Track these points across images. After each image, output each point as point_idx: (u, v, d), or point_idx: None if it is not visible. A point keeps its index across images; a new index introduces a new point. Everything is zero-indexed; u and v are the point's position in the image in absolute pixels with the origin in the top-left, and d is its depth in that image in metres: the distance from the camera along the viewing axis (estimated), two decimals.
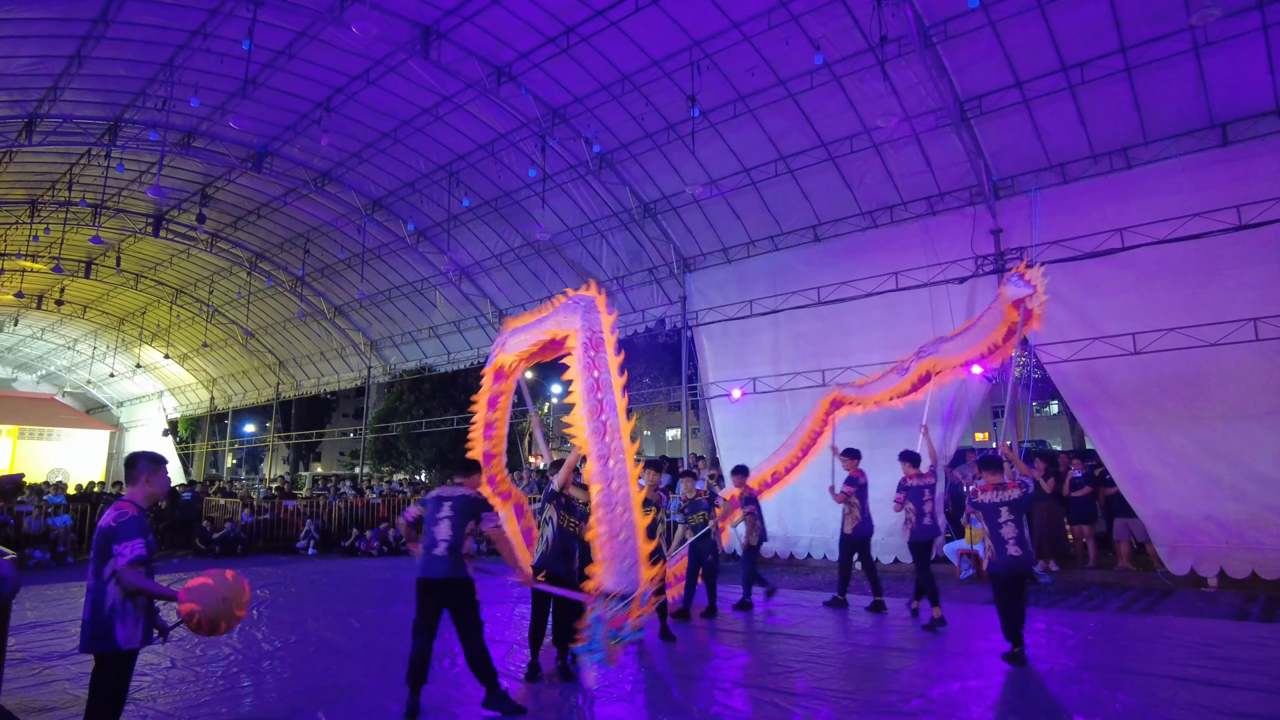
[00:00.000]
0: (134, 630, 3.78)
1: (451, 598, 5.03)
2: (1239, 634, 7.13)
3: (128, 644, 3.75)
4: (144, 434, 33.76)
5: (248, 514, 17.34)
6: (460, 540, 5.06)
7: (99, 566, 3.76)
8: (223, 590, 3.89)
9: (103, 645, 3.72)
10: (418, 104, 14.58)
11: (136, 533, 3.77)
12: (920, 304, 12.38)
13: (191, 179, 18.50)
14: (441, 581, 5.00)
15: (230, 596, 3.90)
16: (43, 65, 13.28)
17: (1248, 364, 9.59)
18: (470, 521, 5.15)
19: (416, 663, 4.94)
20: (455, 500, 5.19)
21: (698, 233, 15.23)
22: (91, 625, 3.73)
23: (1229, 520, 9.57)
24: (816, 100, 12.02)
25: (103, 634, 3.72)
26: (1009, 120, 11.07)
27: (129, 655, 3.82)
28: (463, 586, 5.05)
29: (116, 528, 3.76)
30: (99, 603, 3.74)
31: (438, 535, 5.07)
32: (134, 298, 26.90)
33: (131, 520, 3.80)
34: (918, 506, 8.45)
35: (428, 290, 20.55)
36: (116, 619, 3.73)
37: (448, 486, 5.44)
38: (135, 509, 3.89)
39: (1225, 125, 9.96)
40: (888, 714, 4.94)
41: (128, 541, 3.73)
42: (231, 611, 3.91)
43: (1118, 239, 10.59)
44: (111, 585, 3.74)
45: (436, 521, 5.12)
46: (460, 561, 5.04)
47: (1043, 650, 6.62)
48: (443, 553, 5.01)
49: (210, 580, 3.90)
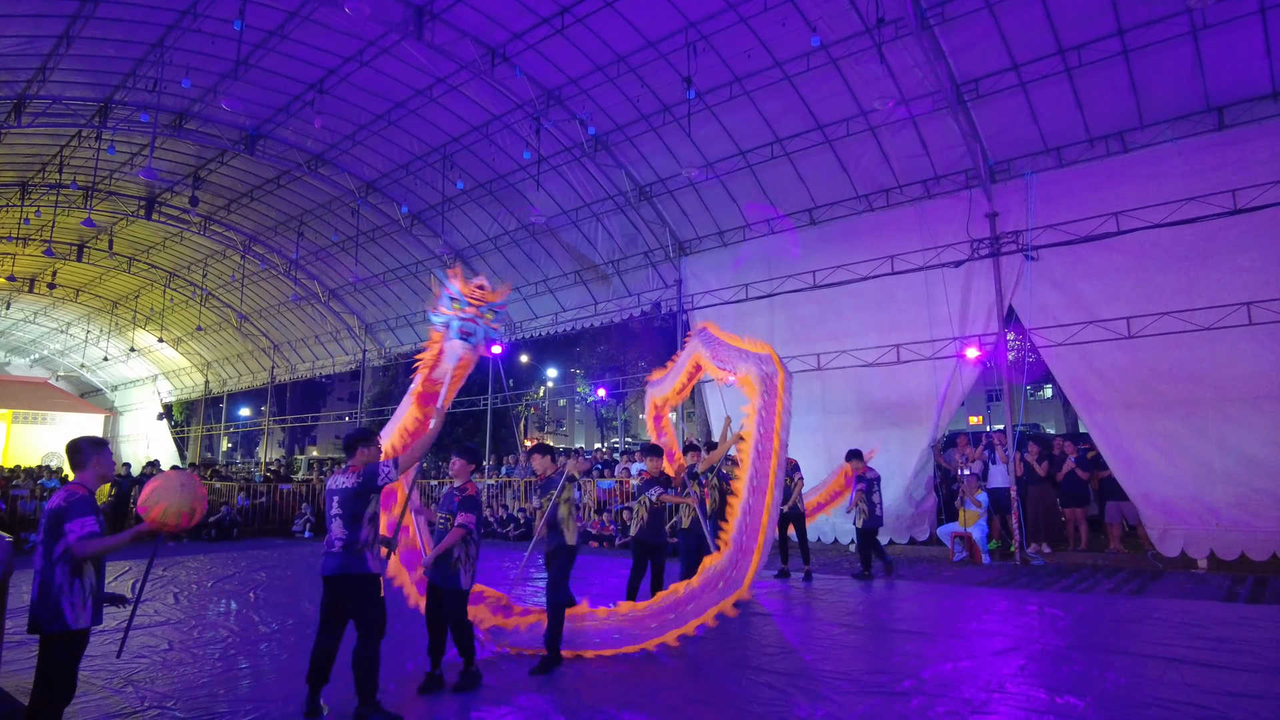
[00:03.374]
0: (81, 610, 3.80)
1: (345, 595, 4.65)
2: (1228, 615, 7.21)
3: (76, 624, 3.78)
4: (139, 417, 33.70)
5: (243, 497, 17.36)
6: (355, 535, 4.63)
7: (49, 548, 3.78)
8: (174, 480, 4.11)
9: (52, 626, 3.75)
10: (411, 85, 14.47)
11: (87, 511, 3.83)
12: (915, 288, 12.40)
13: (184, 161, 18.35)
14: (334, 578, 4.63)
15: (184, 482, 4.12)
16: (31, 45, 13.11)
17: (1241, 348, 9.65)
18: (365, 509, 4.68)
19: (316, 660, 4.67)
20: (340, 495, 4.72)
21: (693, 216, 15.19)
22: (39, 606, 3.75)
23: (1220, 503, 9.65)
24: (813, 83, 11.96)
25: (51, 615, 3.74)
26: (1005, 103, 11.04)
27: (78, 635, 3.83)
28: (357, 582, 4.62)
29: (67, 507, 3.80)
30: (47, 583, 3.76)
31: (333, 534, 4.68)
32: (127, 281, 26.75)
33: (82, 500, 3.85)
34: (868, 498, 9.90)
35: (422, 274, 20.47)
36: (64, 599, 3.75)
37: (337, 473, 4.93)
38: (85, 490, 3.94)
39: (1222, 109, 9.95)
40: (880, 694, 4.99)
41: (78, 519, 3.78)
42: (195, 492, 4.13)
43: (1113, 223, 10.59)
44: (60, 566, 3.76)
45: (330, 519, 4.73)
46: (358, 556, 4.62)
47: (1034, 631, 6.69)
48: (337, 550, 4.62)
49: (158, 480, 4.13)
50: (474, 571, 5.44)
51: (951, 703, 4.78)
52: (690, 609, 5.82)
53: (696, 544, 7.57)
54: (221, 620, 7.71)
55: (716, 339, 7.46)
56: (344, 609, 4.70)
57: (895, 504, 12.22)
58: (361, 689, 4.50)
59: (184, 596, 9.06)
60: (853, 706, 4.76)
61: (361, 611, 4.63)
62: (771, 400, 6.13)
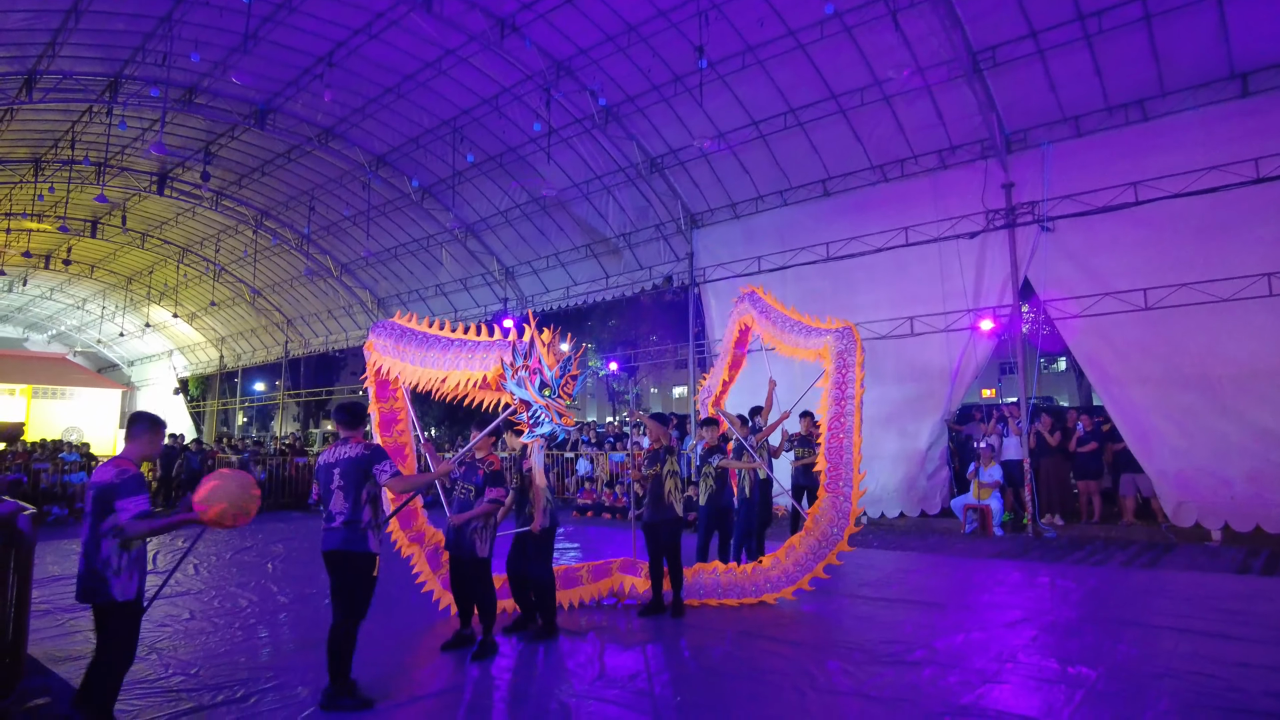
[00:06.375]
0: (128, 583, 3.88)
1: (339, 571, 4.53)
2: (1241, 587, 7.21)
3: (123, 596, 3.86)
4: (155, 392, 34.07)
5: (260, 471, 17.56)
6: (358, 511, 4.51)
7: (96, 521, 3.85)
8: (234, 480, 4.09)
9: (98, 598, 3.84)
10: (420, 58, 14.35)
11: (140, 489, 3.88)
12: (929, 260, 12.29)
13: (195, 136, 18.34)
14: (332, 554, 4.53)
15: (244, 482, 4.10)
16: (40, 20, 13.07)
17: (1259, 320, 9.53)
18: (365, 486, 4.56)
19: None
20: (342, 465, 4.58)
21: (705, 188, 15.07)
22: (86, 578, 3.84)
23: (1235, 476, 9.60)
24: (827, 51, 11.77)
25: (96, 587, 3.83)
26: (1022, 72, 10.83)
27: (127, 606, 3.90)
28: (353, 560, 4.49)
29: (119, 484, 3.83)
30: (92, 555, 3.84)
31: (333, 509, 4.54)
32: (141, 256, 26.89)
33: (133, 478, 3.89)
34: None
35: (433, 247, 20.48)
36: (109, 573, 3.83)
37: (335, 445, 4.78)
38: (134, 467, 3.99)
39: (1246, 76, 9.72)
40: (892, 664, 5.04)
41: (131, 498, 3.81)
42: (249, 493, 4.08)
43: (1131, 193, 10.44)
44: (107, 540, 3.83)
45: (330, 493, 4.58)
46: (359, 534, 4.51)
47: (1046, 603, 6.72)
48: (338, 525, 4.50)
49: (217, 480, 4.08)
50: (492, 541, 5.52)
51: (963, 673, 4.82)
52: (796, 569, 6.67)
53: (736, 512, 7.80)
54: (241, 591, 7.84)
55: (771, 307, 7.73)
56: (341, 584, 4.57)
57: (908, 477, 12.23)
58: (333, 668, 4.42)
59: (204, 568, 9.21)
60: (865, 676, 4.81)
61: (353, 590, 4.52)
62: (849, 374, 6.66)
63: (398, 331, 5.82)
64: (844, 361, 6.73)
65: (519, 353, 4.87)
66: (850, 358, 6.71)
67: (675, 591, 6.57)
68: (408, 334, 5.73)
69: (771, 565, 6.82)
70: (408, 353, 5.64)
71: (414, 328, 5.78)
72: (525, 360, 4.84)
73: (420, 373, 5.53)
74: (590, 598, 6.88)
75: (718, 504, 7.42)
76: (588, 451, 17.11)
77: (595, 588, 6.93)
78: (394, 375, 5.96)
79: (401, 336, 5.74)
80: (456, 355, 5.27)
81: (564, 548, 10.56)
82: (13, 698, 4.38)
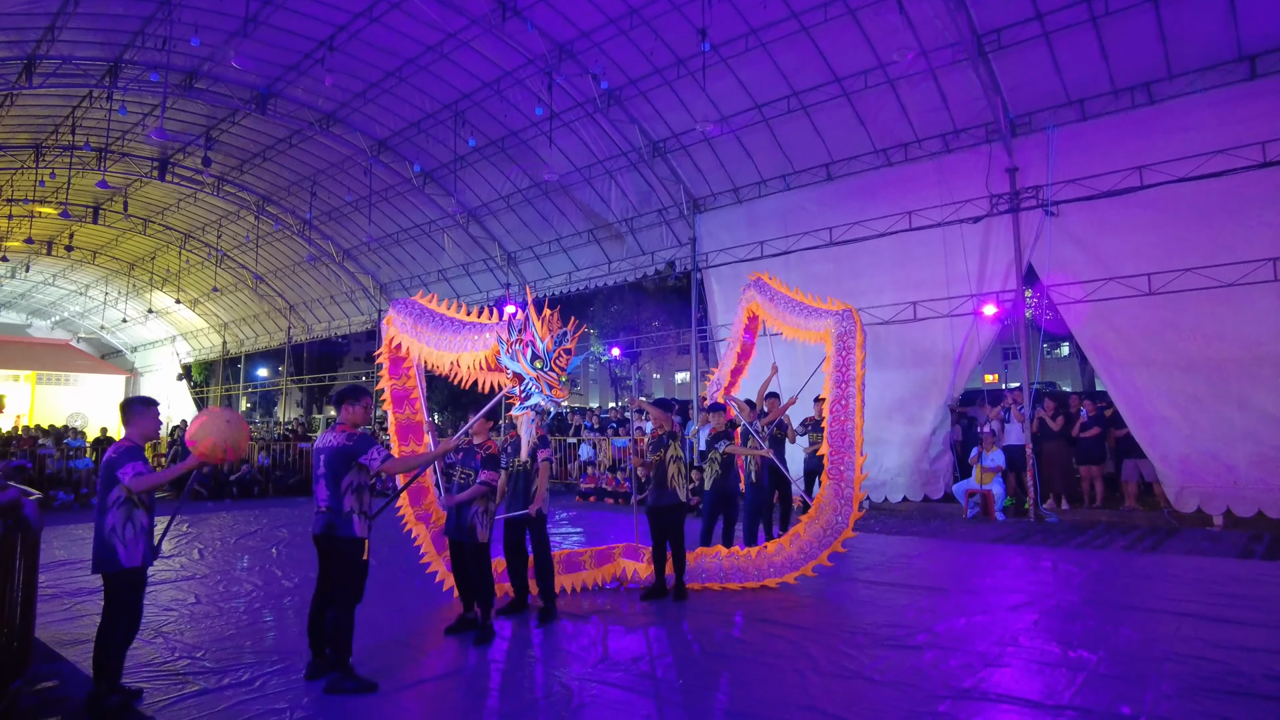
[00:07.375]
0: (133, 550, 4.17)
1: (327, 555, 4.61)
2: (1242, 571, 7.22)
3: (129, 562, 4.15)
4: (158, 378, 34.12)
5: (264, 456, 17.62)
6: (338, 500, 4.52)
7: (104, 495, 4.17)
8: (220, 416, 4.30)
9: (107, 566, 4.14)
10: (422, 41, 14.25)
11: (137, 457, 4.21)
12: (933, 244, 12.24)
13: (195, 121, 18.26)
14: (320, 538, 4.60)
15: (230, 418, 4.31)
16: (39, 4, 12.96)
17: (1264, 304, 9.49)
18: (346, 475, 4.55)
19: (313, 619, 4.70)
20: (326, 454, 4.60)
21: (708, 172, 15.00)
22: (98, 548, 4.15)
23: (1239, 461, 9.60)
24: (830, 34, 11.67)
25: (108, 555, 4.13)
26: (1028, 55, 10.74)
27: (132, 573, 4.19)
28: (339, 544, 4.52)
29: (117, 457, 4.19)
30: (101, 526, 4.16)
31: (318, 495, 4.61)
32: (143, 242, 26.86)
33: (130, 449, 4.24)
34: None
35: (435, 233, 20.43)
36: (116, 540, 4.12)
37: (327, 431, 4.80)
38: (132, 442, 4.33)
39: (1254, 58, 9.63)
40: (895, 647, 5.06)
41: (129, 464, 4.15)
42: (241, 427, 4.32)
43: (1136, 177, 10.37)
44: (113, 510, 4.13)
45: (316, 480, 4.64)
46: (343, 519, 4.51)
47: (1048, 587, 6.74)
48: (323, 510, 4.57)
49: (205, 415, 4.32)
50: (491, 525, 5.54)
51: (965, 656, 4.84)
52: (800, 555, 6.72)
53: (744, 496, 7.95)
54: (245, 575, 7.88)
55: (777, 291, 7.72)
56: (329, 569, 4.65)
57: (911, 461, 12.25)
58: (335, 653, 4.45)
59: (209, 552, 9.27)
60: (868, 659, 4.83)
61: (343, 574, 4.53)
62: (851, 357, 6.67)
63: (417, 311, 5.84)
64: (845, 344, 6.73)
65: (514, 327, 4.86)
66: (851, 340, 6.72)
67: (678, 575, 6.60)
68: (426, 314, 5.75)
69: (776, 551, 6.85)
70: (424, 333, 5.66)
71: (433, 308, 5.79)
72: (520, 334, 4.84)
73: (435, 354, 5.57)
74: (593, 582, 6.92)
75: (722, 489, 7.43)
76: (590, 437, 17.15)
77: (598, 573, 6.96)
78: (409, 352, 6.03)
79: (420, 316, 5.76)
80: (466, 338, 5.30)
81: (567, 532, 10.61)
82: (21, 681, 4.41)
